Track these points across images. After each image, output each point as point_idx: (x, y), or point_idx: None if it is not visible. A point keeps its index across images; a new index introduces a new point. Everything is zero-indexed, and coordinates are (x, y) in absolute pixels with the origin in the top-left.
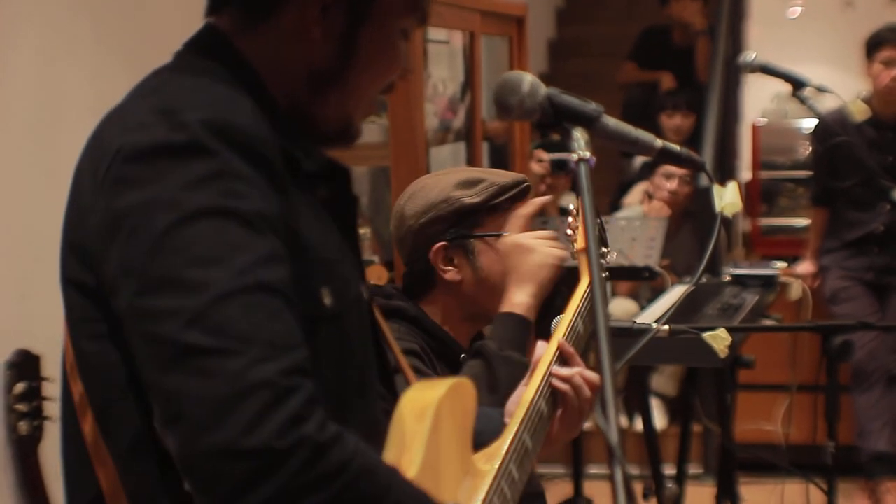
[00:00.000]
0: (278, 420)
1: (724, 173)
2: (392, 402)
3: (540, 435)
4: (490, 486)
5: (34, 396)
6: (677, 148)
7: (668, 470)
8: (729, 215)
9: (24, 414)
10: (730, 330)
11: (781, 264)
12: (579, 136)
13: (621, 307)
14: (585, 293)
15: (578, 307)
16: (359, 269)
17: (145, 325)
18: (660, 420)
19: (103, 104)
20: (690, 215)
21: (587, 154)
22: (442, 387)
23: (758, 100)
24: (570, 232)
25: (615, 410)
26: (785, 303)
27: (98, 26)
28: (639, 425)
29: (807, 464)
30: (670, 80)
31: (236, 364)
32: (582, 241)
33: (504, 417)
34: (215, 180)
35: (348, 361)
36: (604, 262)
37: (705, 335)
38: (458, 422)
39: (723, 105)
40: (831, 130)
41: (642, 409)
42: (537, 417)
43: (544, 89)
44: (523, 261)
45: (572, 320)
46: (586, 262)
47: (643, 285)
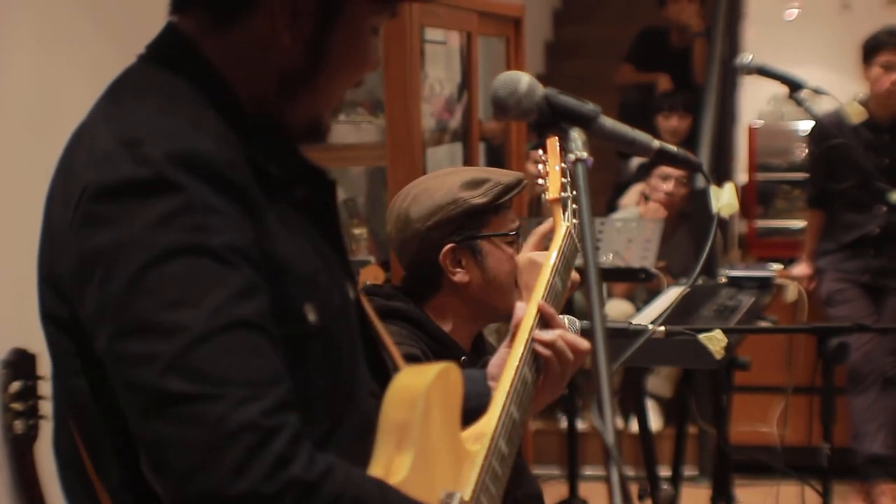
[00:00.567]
0: (265, 463)
1: (720, 175)
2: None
3: (526, 404)
4: (481, 468)
5: (30, 395)
6: (675, 149)
7: (664, 471)
8: (726, 216)
9: (19, 413)
10: (726, 331)
11: (777, 266)
12: (577, 137)
13: (617, 308)
14: (561, 247)
15: (555, 263)
16: (344, 268)
17: (123, 370)
18: (655, 421)
19: None
20: (686, 217)
21: (584, 154)
22: (430, 373)
23: (754, 102)
24: (541, 181)
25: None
26: (781, 305)
27: (97, 22)
28: (634, 427)
29: (802, 466)
30: (667, 82)
31: (217, 409)
32: (554, 191)
33: (487, 380)
34: (183, 216)
35: (338, 370)
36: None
37: (701, 336)
38: (448, 406)
39: (719, 107)
40: (828, 132)
41: (638, 411)
42: (522, 387)
43: (542, 89)
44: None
45: (550, 278)
46: (560, 211)
47: (639, 287)
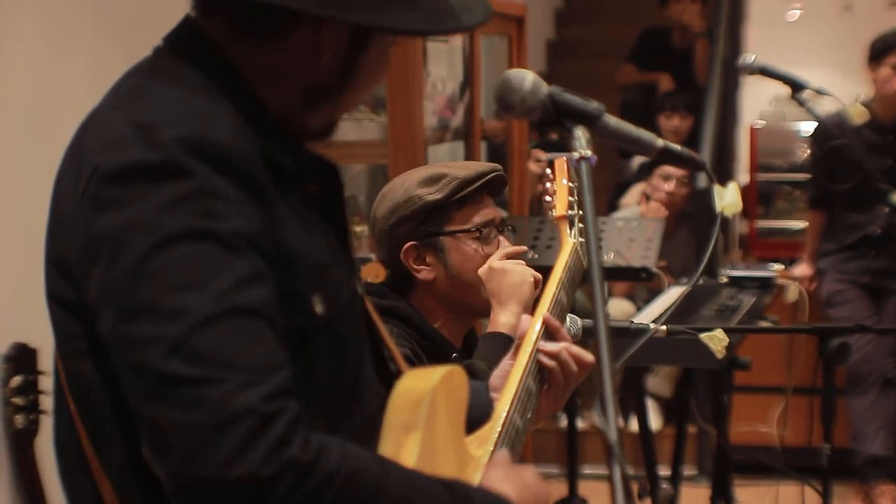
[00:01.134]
0: (263, 447)
1: (721, 175)
2: (388, 396)
3: (529, 413)
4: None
5: (31, 390)
6: (679, 148)
7: (663, 471)
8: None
9: (20, 407)
10: (727, 331)
11: (778, 266)
12: (580, 135)
13: (618, 308)
14: (567, 263)
15: (561, 278)
16: (351, 265)
17: (127, 352)
18: (655, 421)
19: None
20: (687, 217)
21: (588, 152)
22: (435, 375)
23: (756, 102)
24: (548, 199)
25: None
26: (781, 305)
27: (97, 21)
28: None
29: (802, 466)
30: (669, 82)
31: (219, 392)
32: (561, 208)
33: (489, 392)
34: (192, 201)
35: (342, 365)
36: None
37: (702, 336)
38: (453, 410)
39: (721, 107)
40: (830, 133)
41: (638, 410)
42: (526, 396)
43: (546, 87)
44: (503, 283)
45: (556, 292)
46: (566, 229)
47: (640, 286)
